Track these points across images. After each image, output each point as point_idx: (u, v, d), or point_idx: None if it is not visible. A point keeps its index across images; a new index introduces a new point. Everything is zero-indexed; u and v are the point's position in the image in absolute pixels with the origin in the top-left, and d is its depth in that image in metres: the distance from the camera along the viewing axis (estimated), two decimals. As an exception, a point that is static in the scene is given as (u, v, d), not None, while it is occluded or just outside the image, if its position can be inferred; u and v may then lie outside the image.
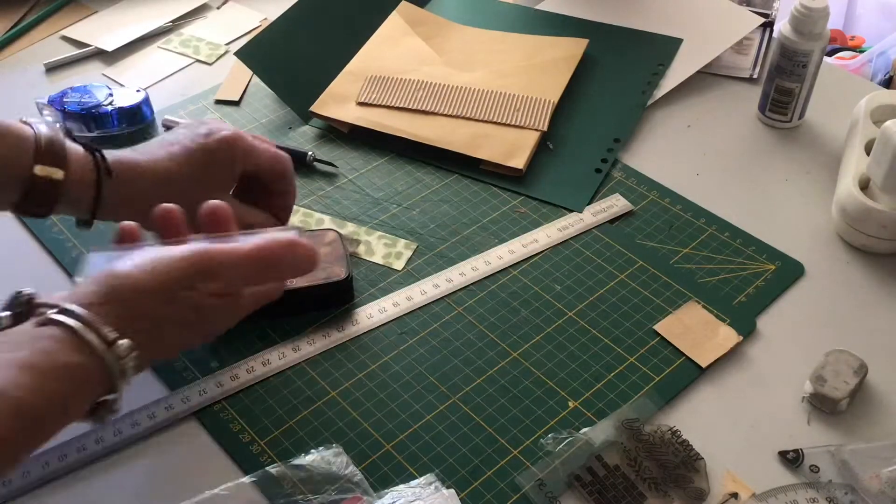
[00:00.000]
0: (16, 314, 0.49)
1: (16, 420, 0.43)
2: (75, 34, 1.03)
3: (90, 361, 0.46)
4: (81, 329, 0.46)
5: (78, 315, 0.46)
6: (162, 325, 0.50)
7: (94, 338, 0.46)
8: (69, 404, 0.46)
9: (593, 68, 0.96)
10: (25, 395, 0.43)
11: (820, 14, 0.82)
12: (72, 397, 0.46)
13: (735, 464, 0.61)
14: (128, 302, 0.48)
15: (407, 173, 0.85)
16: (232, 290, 0.53)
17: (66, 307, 0.47)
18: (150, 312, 0.49)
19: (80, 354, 0.46)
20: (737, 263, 0.75)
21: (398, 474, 0.61)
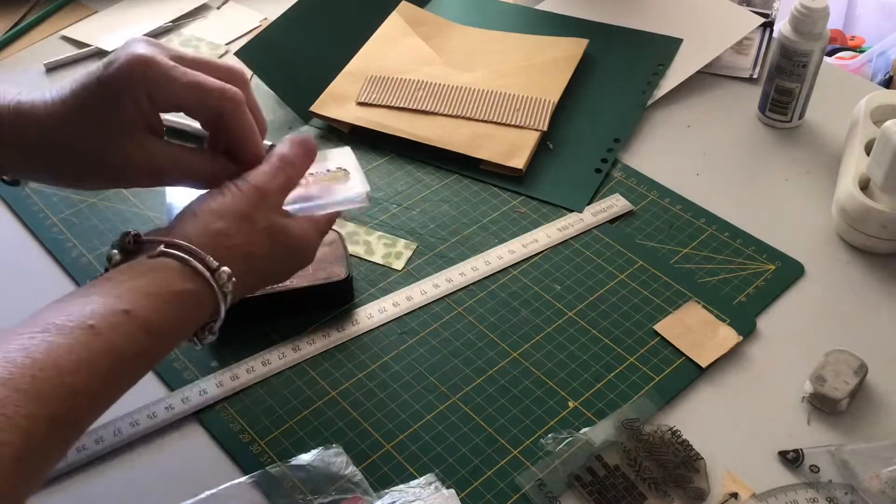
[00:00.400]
0: (125, 252, 0.53)
1: (145, 337, 0.48)
2: (75, 34, 1.03)
3: (199, 287, 0.51)
4: (190, 259, 0.51)
5: (185, 247, 0.51)
6: (251, 250, 0.55)
7: (201, 266, 0.51)
8: (184, 325, 0.52)
9: (593, 68, 0.96)
10: (151, 315, 0.49)
11: (820, 14, 0.82)
12: (186, 319, 0.52)
13: (735, 464, 0.61)
14: (219, 231, 0.53)
15: (407, 173, 0.85)
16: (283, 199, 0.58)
17: (174, 241, 0.52)
18: (239, 238, 0.54)
19: (191, 282, 0.51)
20: (737, 263, 0.75)
21: (398, 474, 0.61)
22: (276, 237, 0.57)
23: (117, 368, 0.47)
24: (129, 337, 0.48)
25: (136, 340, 0.48)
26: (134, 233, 0.53)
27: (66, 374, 0.44)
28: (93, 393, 0.46)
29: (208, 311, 0.53)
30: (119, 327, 0.47)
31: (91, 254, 0.76)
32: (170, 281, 0.50)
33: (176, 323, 0.51)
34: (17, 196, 0.82)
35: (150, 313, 0.48)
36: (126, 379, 0.49)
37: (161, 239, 0.52)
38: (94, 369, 0.46)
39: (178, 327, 0.51)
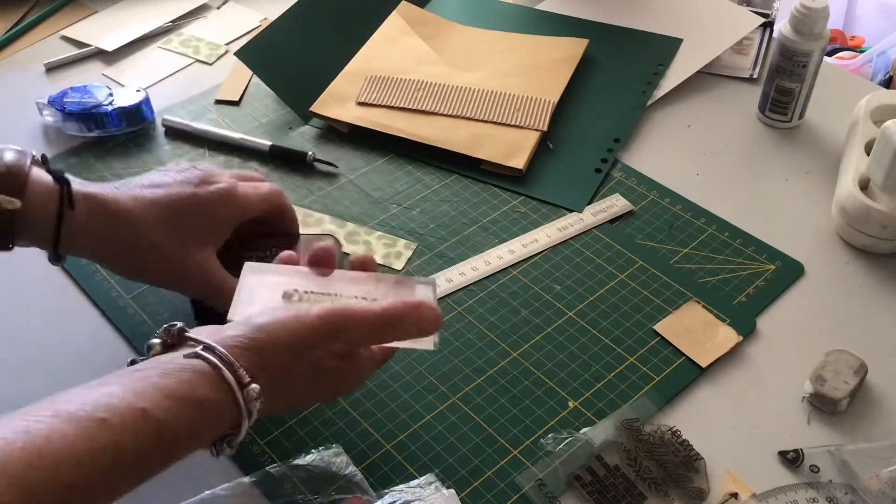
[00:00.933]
0: (165, 343, 0.52)
1: (156, 440, 0.47)
2: (75, 34, 1.03)
3: (224, 398, 0.50)
4: (223, 368, 0.50)
5: (220, 354, 0.50)
6: (286, 378, 0.53)
7: (232, 377, 0.50)
8: (199, 433, 0.50)
9: (593, 68, 0.96)
10: (167, 418, 0.47)
11: (820, 14, 0.82)
12: (203, 427, 0.50)
13: (735, 464, 0.61)
14: (263, 353, 0.52)
15: (407, 173, 0.85)
16: (351, 350, 0.56)
17: (212, 345, 0.50)
18: (278, 365, 0.52)
19: (217, 391, 0.49)
20: (737, 263, 0.75)
21: (398, 474, 0.61)
22: (320, 374, 0.55)
23: (121, 467, 0.45)
24: (140, 437, 0.46)
25: (147, 441, 0.46)
26: (179, 327, 0.52)
27: (64, 468, 0.43)
28: (90, 489, 0.44)
29: (229, 423, 0.51)
30: (132, 426, 0.46)
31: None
32: (195, 385, 0.49)
33: (192, 430, 0.49)
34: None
35: (166, 416, 0.47)
36: (129, 479, 0.47)
37: (201, 340, 0.51)
38: (96, 465, 0.44)
39: (193, 434, 0.49)
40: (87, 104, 0.86)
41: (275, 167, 0.85)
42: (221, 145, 0.88)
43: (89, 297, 0.73)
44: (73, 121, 0.86)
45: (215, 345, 0.50)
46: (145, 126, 0.89)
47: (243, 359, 0.50)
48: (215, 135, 0.88)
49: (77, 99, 0.87)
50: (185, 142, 0.88)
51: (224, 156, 0.87)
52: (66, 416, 0.44)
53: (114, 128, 0.87)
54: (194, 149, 0.87)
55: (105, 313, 0.72)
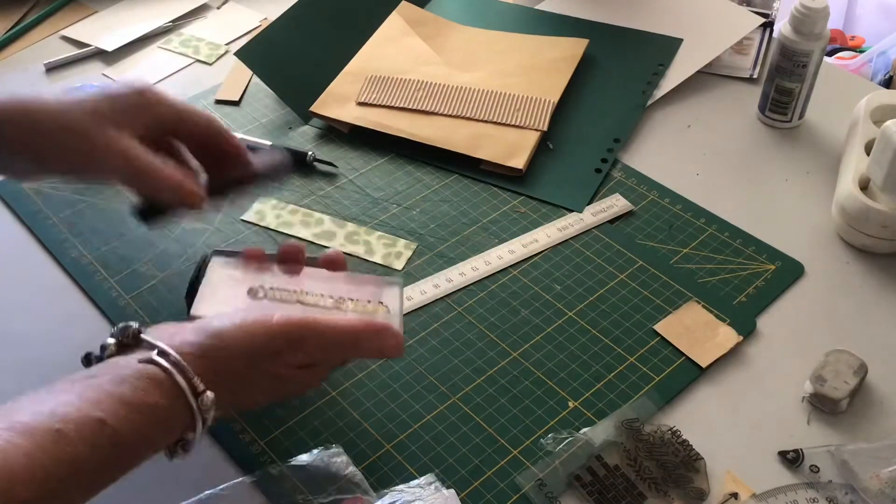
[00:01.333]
0: (121, 343, 0.52)
1: (112, 449, 0.47)
2: (75, 34, 1.03)
3: (178, 405, 0.50)
4: (177, 375, 0.50)
5: (174, 360, 0.50)
6: (243, 385, 0.54)
7: (186, 385, 0.50)
8: (154, 440, 0.50)
9: (593, 68, 0.96)
10: (123, 427, 0.47)
11: (820, 14, 0.82)
12: (157, 434, 0.50)
13: (735, 464, 0.61)
14: (219, 361, 0.52)
15: (407, 173, 0.85)
16: (311, 362, 0.56)
17: (167, 351, 0.50)
18: (234, 373, 0.53)
19: (170, 398, 0.49)
20: (737, 263, 0.75)
21: (398, 474, 0.61)
22: (277, 382, 0.55)
23: (77, 478, 0.45)
24: (97, 447, 0.46)
25: (104, 451, 0.46)
26: (135, 328, 0.52)
27: (18, 483, 0.42)
28: (45, 501, 0.43)
29: (183, 429, 0.51)
30: (88, 436, 0.45)
31: (91, 254, 0.76)
32: (150, 393, 0.49)
33: (147, 437, 0.49)
34: (18, 196, 0.82)
35: (122, 424, 0.47)
36: (85, 489, 0.47)
37: (157, 344, 0.51)
38: (50, 476, 0.43)
39: (148, 442, 0.49)
40: (87, 104, 0.86)
41: (275, 167, 0.85)
42: (221, 145, 0.88)
43: (89, 297, 0.73)
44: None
45: (170, 350, 0.50)
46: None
47: (198, 366, 0.50)
48: (215, 135, 0.88)
49: (77, 99, 0.87)
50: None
51: (224, 156, 0.87)
52: (21, 428, 0.44)
53: (114, 128, 0.87)
54: (194, 149, 0.87)
55: (105, 313, 0.72)
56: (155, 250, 0.76)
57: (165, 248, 0.77)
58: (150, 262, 0.75)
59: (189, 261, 0.75)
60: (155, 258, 0.76)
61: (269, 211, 0.80)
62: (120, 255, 0.76)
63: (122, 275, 0.74)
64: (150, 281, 0.74)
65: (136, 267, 0.75)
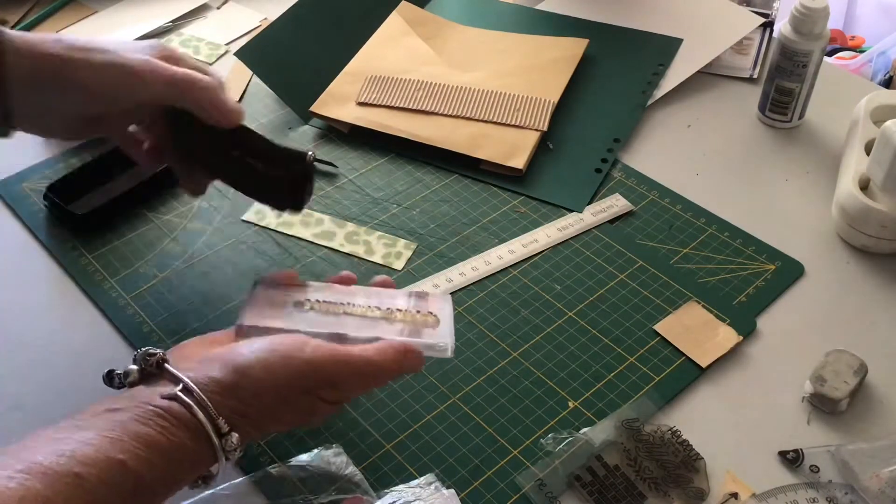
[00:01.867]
0: (143, 371, 0.51)
1: (133, 492, 0.45)
2: (75, 34, 1.03)
3: (202, 444, 0.49)
4: (200, 415, 0.48)
5: (199, 400, 0.49)
6: (269, 420, 0.53)
7: (210, 427, 0.48)
8: (176, 480, 0.49)
9: (593, 68, 0.96)
10: (145, 469, 0.46)
11: (820, 14, 0.82)
12: (180, 475, 0.49)
13: (735, 464, 0.61)
14: (245, 400, 0.50)
15: (407, 173, 0.85)
16: (346, 399, 0.56)
17: (191, 386, 0.49)
18: (260, 411, 0.51)
19: (194, 437, 0.48)
20: (737, 263, 0.75)
21: (398, 474, 0.61)
22: (304, 411, 0.54)
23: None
24: (117, 490, 0.44)
25: (123, 493, 0.45)
26: (159, 356, 0.51)
27: None
28: None
29: (206, 465, 0.50)
30: (109, 480, 0.44)
31: (91, 254, 0.76)
32: (173, 433, 0.47)
33: (169, 478, 0.48)
34: (18, 196, 0.82)
35: (144, 467, 0.45)
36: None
37: (181, 377, 0.49)
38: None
39: (170, 482, 0.48)
40: (87, 104, 0.86)
41: (275, 167, 0.85)
42: (221, 145, 0.88)
43: (89, 297, 0.73)
44: (73, 121, 0.86)
45: (194, 387, 0.49)
46: (145, 126, 0.89)
47: (222, 406, 0.49)
48: (215, 135, 0.88)
49: (77, 99, 0.87)
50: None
51: (224, 156, 0.87)
52: (40, 472, 0.42)
53: (114, 128, 0.87)
54: (194, 149, 0.87)
55: (105, 313, 0.72)
56: (154, 250, 0.76)
57: (165, 248, 0.77)
58: (150, 262, 0.75)
59: (189, 261, 0.75)
60: (155, 258, 0.76)
61: (270, 211, 0.80)
62: (120, 255, 0.76)
63: (122, 275, 0.74)
64: (150, 281, 0.74)
65: (136, 267, 0.75)
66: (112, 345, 0.69)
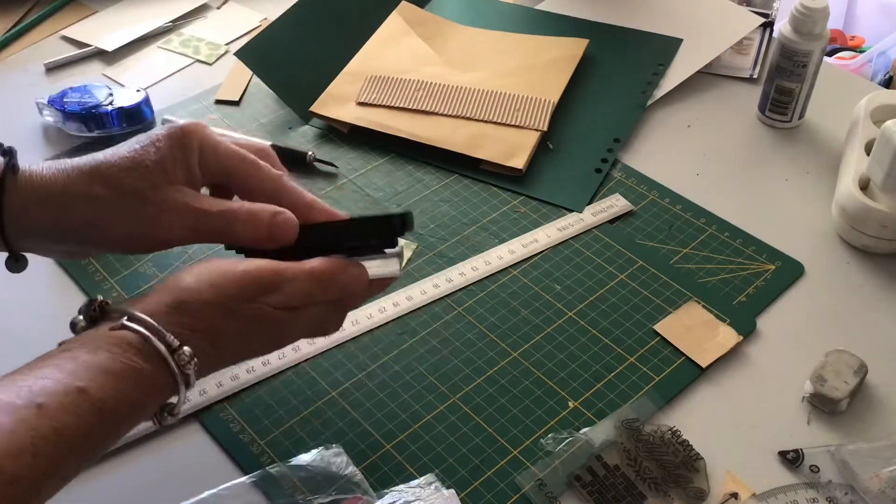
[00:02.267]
0: (90, 318, 0.52)
1: (97, 418, 0.46)
2: (75, 34, 1.03)
3: (157, 366, 0.49)
4: (149, 335, 0.49)
5: (146, 323, 0.49)
6: (222, 336, 0.52)
7: (160, 344, 0.49)
8: (139, 405, 0.49)
9: (593, 68, 0.96)
10: (105, 395, 0.46)
11: (820, 14, 0.82)
12: (141, 398, 0.49)
13: (735, 464, 0.61)
14: (191, 314, 0.51)
15: (407, 173, 0.85)
16: (293, 304, 0.54)
17: (136, 314, 0.49)
18: (210, 324, 0.51)
19: (148, 360, 0.48)
20: (737, 263, 0.75)
21: (398, 474, 0.61)
22: (262, 326, 0.53)
23: (65, 450, 0.44)
24: (81, 417, 0.45)
25: (88, 421, 0.45)
26: (100, 300, 0.51)
27: (6, 460, 0.41)
28: (36, 477, 0.43)
29: (167, 391, 0.50)
30: (71, 407, 0.44)
31: (91, 254, 0.76)
32: (128, 358, 0.48)
33: (132, 403, 0.48)
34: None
35: (104, 392, 0.46)
36: (74, 462, 0.45)
37: (125, 310, 0.50)
38: (39, 452, 0.43)
39: (133, 407, 0.48)
40: (87, 104, 0.87)
41: (275, 167, 0.85)
42: (221, 145, 0.88)
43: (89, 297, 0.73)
44: (73, 121, 0.86)
45: (138, 313, 0.49)
46: (145, 126, 0.89)
47: (170, 324, 0.49)
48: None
49: (77, 99, 0.87)
50: (185, 142, 0.88)
51: (224, 156, 0.87)
52: (2, 405, 0.43)
53: (114, 128, 0.87)
54: (194, 149, 0.87)
55: (105, 313, 0.72)
56: (155, 250, 0.76)
57: (165, 248, 0.77)
58: (150, 262, 0.75)
59: (189, 261, 0.75)
60: (155, 258, 0.76)
61: (269, 211, 0.80)
62: (120, 255, 0.76)
63: (122, 275, 0.74)
64: (151, 281, 0.74)
65: (136, 267, 0.75)
66: (112, 345, 0.69)
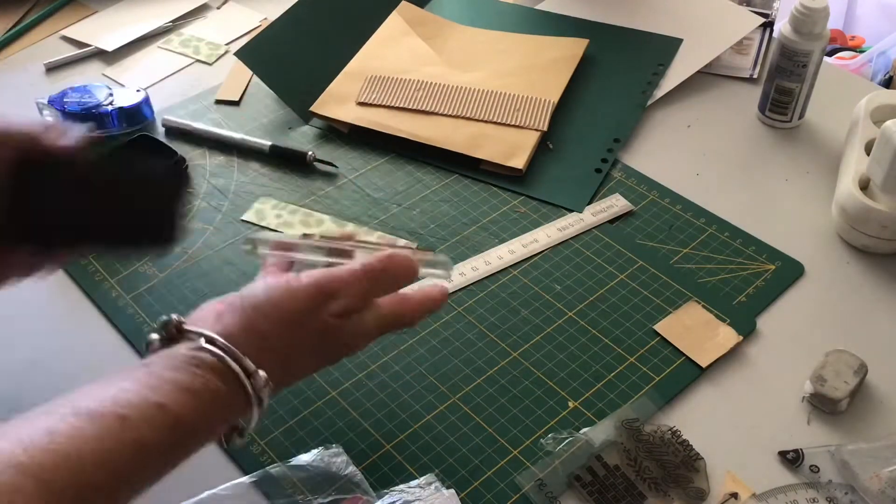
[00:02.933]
0: (165, 339, 0.52)
1: (174, 433, 0.47)
2: (75, 34, 1.03)
3: (233, 388, 0.50)
4: (227, 359, 0.50)
5: (223, 346, 0.50)
6: (292, 353, 0.54)
7: (238, 368, 0.50)
8: (214, 424, 0.50)
9: (593, 68, 0.96)
10: (183, 411, 0.47)
11: (820, 14, 0.82)
12: (216, 418, 0.50)
13: (735, 464, 0.61)
14: (264, 334, 0.52)
15: (407, 173, 0.85)
16: (351, 307, 0.55)
17: (213, 337, 0.51)
18: (281, 343, 0.53)
19: (225, 381, 0.50)
20: (737, 263, 0.75)
21: (398, 474, 0.61)
22: (325, 337, 0.55)
23: (142, 463, 0.46)
24: (160, 432, 0.46)
25: (166, 436, 0.47)
26: (177, 321, 0.52)
27: (89, 467, 0.43)
28: (113, 487, 0.44)
29: (239, 411, 0.51)
30: (151, 421, 0.46)
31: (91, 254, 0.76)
32: (206, 379, 0.49)
33: (208, 422, 0.49)
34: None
35: (183, 409, 0.47)
36: (149, 474, 0.47)
37: (202, 332, 0.51)
38: (119, 463, 0.44)
39: (209, 426, 0.50)
40: (87, 104, 0.87)
41: (275, 167, 0.85)
42: (221, 145, 0.88)
43: (89, 297, 0.73)
44: (73, 121, 0.86)
45: (216, 336, 0.50)
46: (145, 126, 0.89)
47: (246, 346, 0.51)
48: (215, 135, 0.88)
49: (77, 99, 0.87)
50: (185, 142, 0.88)
51: (224, 156, 0.87)
52: (87, 414, 0.44)
53: (114, 128, 0.87)
54: (194, 149, 0.87)
55: (105, 313, 0.72)
56: (155, 250, 0.76)
57: (165, 248, 0.77)
58: (150, 262, 0.75)
59: (189, 261, 0.75)
60: (155, 258, 0.76)
61: (269, 210, 0.80)
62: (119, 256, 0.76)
63: (122, 275, 0.74)
64: (151, 281, 0.74)
65: (137, 267, 0.75)
66: (112, 345, 0.70)
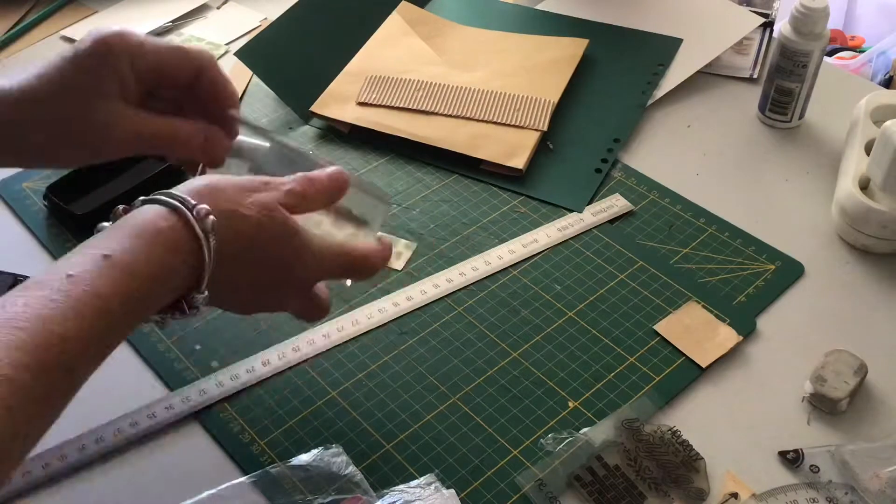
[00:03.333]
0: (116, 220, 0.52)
1: (129, 278, 0.47)
2: (75, 34, 1.03)
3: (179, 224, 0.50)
4: (169, 200, 0.50)
5: (174, 195, 0.51)
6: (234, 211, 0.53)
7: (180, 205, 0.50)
8: (167, 267, 0.49)
9: (593, 68, 0.96)
10: (132, 257, 0.48)
11: (820, 14, 0.82)
12: (168, 261, 0.49)
13: (735, 464, 0.61)
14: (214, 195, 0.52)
15: (407, 173, 0.85)
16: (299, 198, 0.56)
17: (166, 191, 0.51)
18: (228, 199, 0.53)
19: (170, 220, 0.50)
20: (737, 263, 0.75)
21: (398, 474, 0.61)
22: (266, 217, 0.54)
23: (105, 312, 0.46)
24: (112, 280, 0.46)
25: (120, 283, 0.47)
26: (124, 207, 0.52)
27: (50, 322, 0.43)
28: (83, 338, 0.45)
29: (192, 255, 0.50)
30: (99, 272, 0.46)
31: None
32: (151, 220, 0.49)
33: (160, 264, 0.49)
34: (19, 196, 0.82)
35: (131, 255, 0.47)
36: (117, 324, 0.47)
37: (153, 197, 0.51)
38: (80, 314, 0.44)
39: (162, 269, 0.49)
40: (87, 104, 0.86)
41: (275, 167, 0.85)
42: (221, 145, 0.88)
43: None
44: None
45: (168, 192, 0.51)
46: (145, 126, 0.89)
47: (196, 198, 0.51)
48: (215, 135, 0.88)
49: (77, 99, 0.87)
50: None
51: (224, 156, 0.87)
52: (34, 284, 0.45)
53: (114, 128, 0.87)
54: (194, 149, 0.87)
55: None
56: (155, 250, 0.76)
57: (165, 248, 0.77)
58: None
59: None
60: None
61: (269, 211, 0.80)
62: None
63: (122, 275, 0.74)
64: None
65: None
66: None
